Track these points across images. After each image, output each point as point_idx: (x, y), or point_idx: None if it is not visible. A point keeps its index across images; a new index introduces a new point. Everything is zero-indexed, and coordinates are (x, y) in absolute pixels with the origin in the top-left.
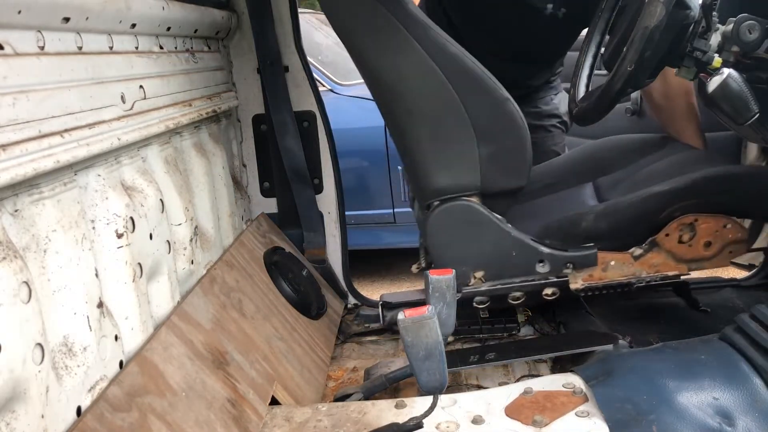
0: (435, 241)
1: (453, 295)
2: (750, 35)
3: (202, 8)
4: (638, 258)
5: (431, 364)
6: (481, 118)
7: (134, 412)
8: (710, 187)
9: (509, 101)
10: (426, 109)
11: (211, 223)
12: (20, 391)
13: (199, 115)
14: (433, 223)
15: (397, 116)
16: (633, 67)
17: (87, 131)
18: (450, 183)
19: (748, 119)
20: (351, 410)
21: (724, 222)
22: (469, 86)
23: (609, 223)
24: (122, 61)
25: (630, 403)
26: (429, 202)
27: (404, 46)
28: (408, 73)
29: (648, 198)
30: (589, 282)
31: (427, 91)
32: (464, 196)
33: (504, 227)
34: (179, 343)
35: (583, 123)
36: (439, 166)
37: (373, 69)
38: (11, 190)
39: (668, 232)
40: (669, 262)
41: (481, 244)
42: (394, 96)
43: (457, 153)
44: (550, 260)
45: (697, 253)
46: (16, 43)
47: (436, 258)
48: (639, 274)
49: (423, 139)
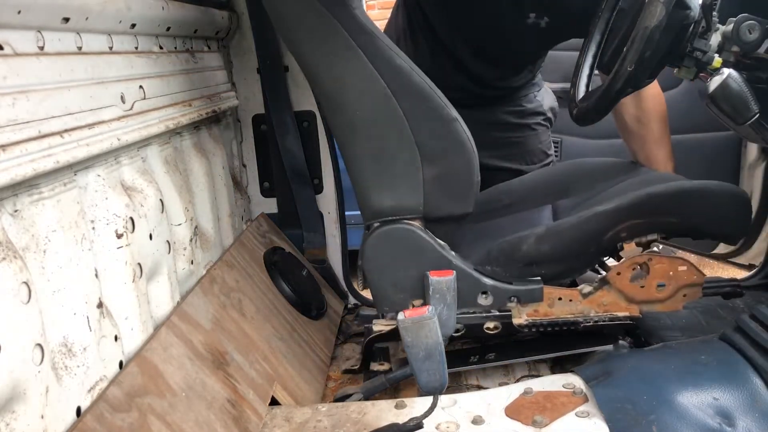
0: (372, 265)
1: (453, 297)
2: (750, 35)
3: (202, 8)
4: (587, 296)
5: (431, 364)
6: (426, 137)
7: (134, 412)
8: (656, 204)
9: (457, 121)
10: (368, 123)
11: (211, 223)
12: (20, 392)
13: (199, 115)
14: (371, 245)
15: (340, 129)
16: (633, 67)
17: (87, 131)
18: (391, 204)
19: (748, 119)
20: (351, 410)
21: (680, 264)
22: (415, 102)
23: (551, 245)
24: (122, 61)
25: (630, 403)
26: (369, 223)
27: (348, 54)
28: (351, 83)
29: (590, 218)
30: (533, 318)
31: (370, 103)
32: (405, 219)
33: (446, 254)
34: (179, 344)
35: (583, 123)
36: (380, 185)
37: (316, 77)
38: (11, 190)
39: (620, 271)
40: (619, 302)
41: (421, 270)
42: (337, 106)
43: (399, 173)
44: (494, 292)
45: (649, 294)
46: (16, 43)
47: (372, 282)
48: (587, 312)
49: (364, 156)
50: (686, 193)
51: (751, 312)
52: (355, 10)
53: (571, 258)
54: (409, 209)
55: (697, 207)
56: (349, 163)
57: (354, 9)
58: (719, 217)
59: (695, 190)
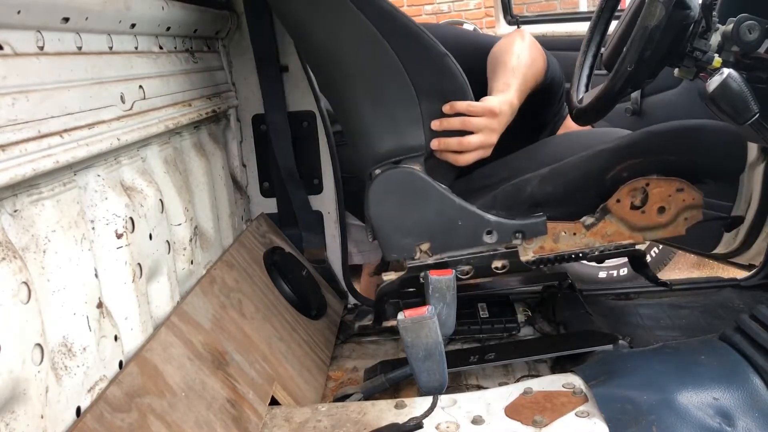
0: (376, 211)
1: (453, 296)
2: (750, 35)
3: (202, 8)
4: (590, 227)
5: (431, 364)
6: (420, 75)
7: (134, 412)
8: (657, 142)
9: (447, 56)
10: (363, 71)
11: (211, 223)
12: (19, 392)
13: (199, 115)
14: (374, 191)
15: (335, 83)
16: (633, 67)
17: (86, 131)
18: (393, 146)
19: (748, 119)
20: (351, 410)
21: (677, 185)
22: (406, 42)
23: (554, 186)
24: (122, 61)
25: (630, 403)
26: (370, 171)
27: (338, 6)
28: (343, 35)
29: (593, 157)
30: (540, 254)
31: (364, 51)
32: (408, 159)
33: (449, 195)
34: (179, 344)
35: (582, 122)
36: (380, 129)
37: (308, 34)
38: (10, 190)
39: (619, 198)
40: (622, 231)
41: (425, 213)
42: (330, 59)
43: (398, 112)
44: (498, 230)
45: (650, 220)
46: (16, 43)
47: (377, 229)
48: (592, 244)
49: (362, 103)
50: (682, 129)
51: (751, 312)
52: None
53: (575, 198)
54: (412, 147)
55: (693, 143)
56: (346, 117)
57: None
58: (714, 152)
59: (691, 127)
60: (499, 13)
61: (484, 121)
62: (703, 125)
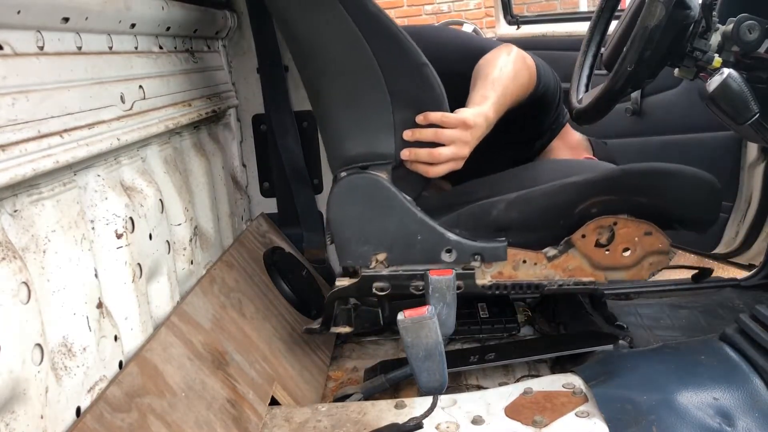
0: (336, 215)
1: (453, 296)
2: (750, 35)
3: (202, 8)
4: (552, 259)
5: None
6: (397, 81)
7: (134, 412)
8: (631, 182)
9: (427, 66)
10: (341, 70)
11: (211, 223)
12: (19, 392)
13: (199, 115)
14: (336, 194)
15: (314, 81)
16: (633, 67)
17: (86, 131)
18: (362, 150)
19: (748, 119)
20: (351, 410)
21: (645, 228)
22: (386, 45)
23: (520, 212)
24: (122, 61)
25: (630, 403)
26: (336, 173)
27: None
28: (324, 29)
29: (562, 188)
30: (497, 279)
31: (343, 48)
32: (376, 166)
33: (411, 208)
34: (179, 344)
35: (582, 122)
36: (352, 131)
37: (292, 28)
38: (10, 190)
39: (585, 233)
40: (584, 267)
41: (385, 223)
42: (310, 55)
43: (371, 117)
44: (457, 249)
45: (614, 259)
46: (16, 43)
47: (336, 233)
48: (552, 277)
49: (337, 103)
50: (657, 172)
51: (751, 312)
52: None
53: (540, 228)
54: (380, 155)
55: (667, 188)
56: (321, 115)
57: None
58: (687, 200)
59: (666, 171)
60: (499, 13)
61: (457, 133)
62: (680, 171)
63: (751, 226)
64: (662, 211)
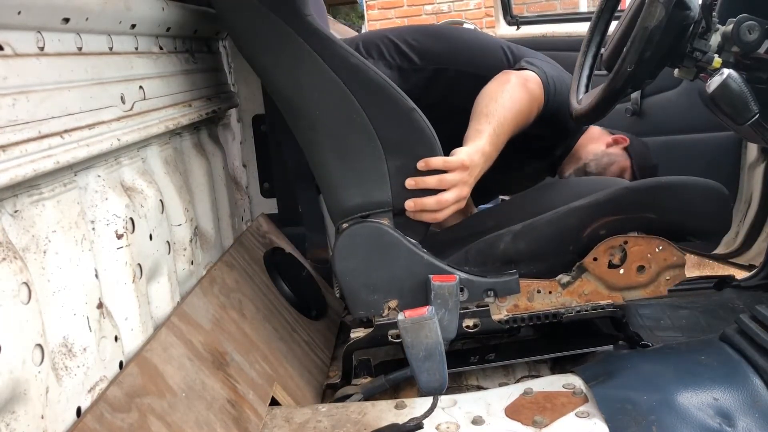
0: (343, 266)
1: (455, 302)
2: (750, 35)
3: (202, 9)
4: (566, 286)
5: (431, 364)
6: (387, 129)
7: (134, 412)
8: (637, 199)
9: (415, 110)
10: (329, 123)
11: (211, 223)
12: (20, 392)
13: (199, 116)
14: (341, 246)
15: (303, 133)
16: (633, 68)
17: (87, 132)
18: (359, 201)
19: (748, 119)
20: (351, 411)
21: (657, 244)
22: (372, 96)
23: (527, 242)
24: (122, 62)
25: (630, 404)
26: (338, 225)
27: (304, 58)
28: (309, 86)
29: (567, 214)
30: (514, 313)
31: (329, 103)
32: (375, 214)
33: (417, 251)
34: (179, 344)
35: (582, 123)
36: (347, 183)
37: (276, 84)
38: (11, 190)
39: (596, 256)
40: (600, 290)
41: (393, 270)
42: (298, 111)
43: (364, 167)
44: (469, 287)
45: (629, 279)
46: (16, 44)
47: (344, 285)
48: (569, 304)
49: (329, 156)
50: (662, 187)
51: (751, 312)
52: (307, 17)
53: (550, 256)
54: (378, 203)
55: (674, 202)
56: (314, 167)
57: (307, 16)
58: (697, 212)
59: (672, 185)
60: (499, 13)
61: (457, 176)
62: (686, 183)
63: (751, 227)
64: (673, 226)
